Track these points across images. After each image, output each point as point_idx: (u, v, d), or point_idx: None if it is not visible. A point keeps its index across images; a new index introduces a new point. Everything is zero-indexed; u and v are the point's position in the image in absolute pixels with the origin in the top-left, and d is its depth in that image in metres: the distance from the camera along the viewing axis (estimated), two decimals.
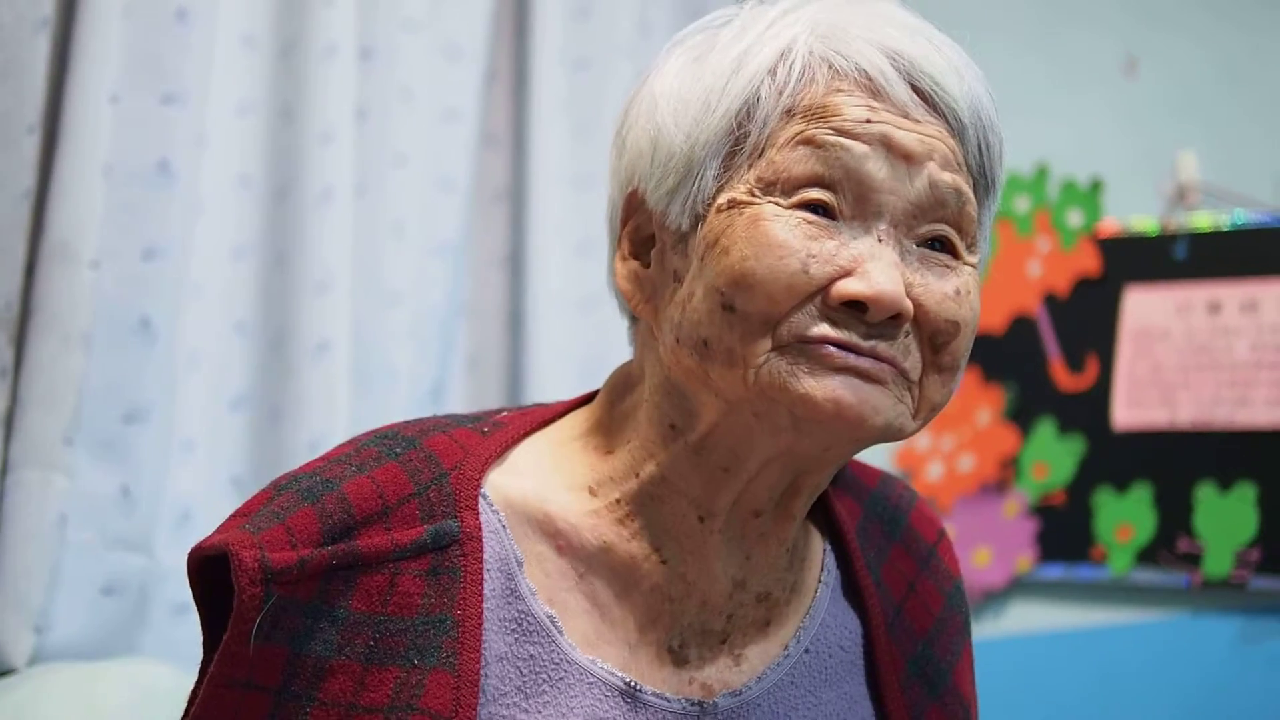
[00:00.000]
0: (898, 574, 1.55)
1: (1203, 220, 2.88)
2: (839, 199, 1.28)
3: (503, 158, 2.88)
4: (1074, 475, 2.93)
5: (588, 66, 2.92)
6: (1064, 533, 2.94)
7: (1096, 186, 3.01)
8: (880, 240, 1.28)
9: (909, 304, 1.27)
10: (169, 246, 2.11)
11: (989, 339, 3.06)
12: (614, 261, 1.42)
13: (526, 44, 2.87)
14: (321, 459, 1.35)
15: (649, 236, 1.39)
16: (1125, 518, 2.85)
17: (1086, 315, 2.97)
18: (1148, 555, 2.83)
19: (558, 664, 1.33)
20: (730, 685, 1.40)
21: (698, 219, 1.32)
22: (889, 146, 1.28)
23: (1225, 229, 2.86)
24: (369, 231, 2.52)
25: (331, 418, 2.35)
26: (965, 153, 1.33)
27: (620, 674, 1.35)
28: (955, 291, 1.31)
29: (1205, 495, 2.78)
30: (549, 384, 2.74)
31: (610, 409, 1.44)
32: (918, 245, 1.31)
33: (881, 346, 1.26)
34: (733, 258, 1.26)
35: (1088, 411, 2.94)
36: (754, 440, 1.31)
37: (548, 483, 1.39)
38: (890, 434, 1.30)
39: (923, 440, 3.08)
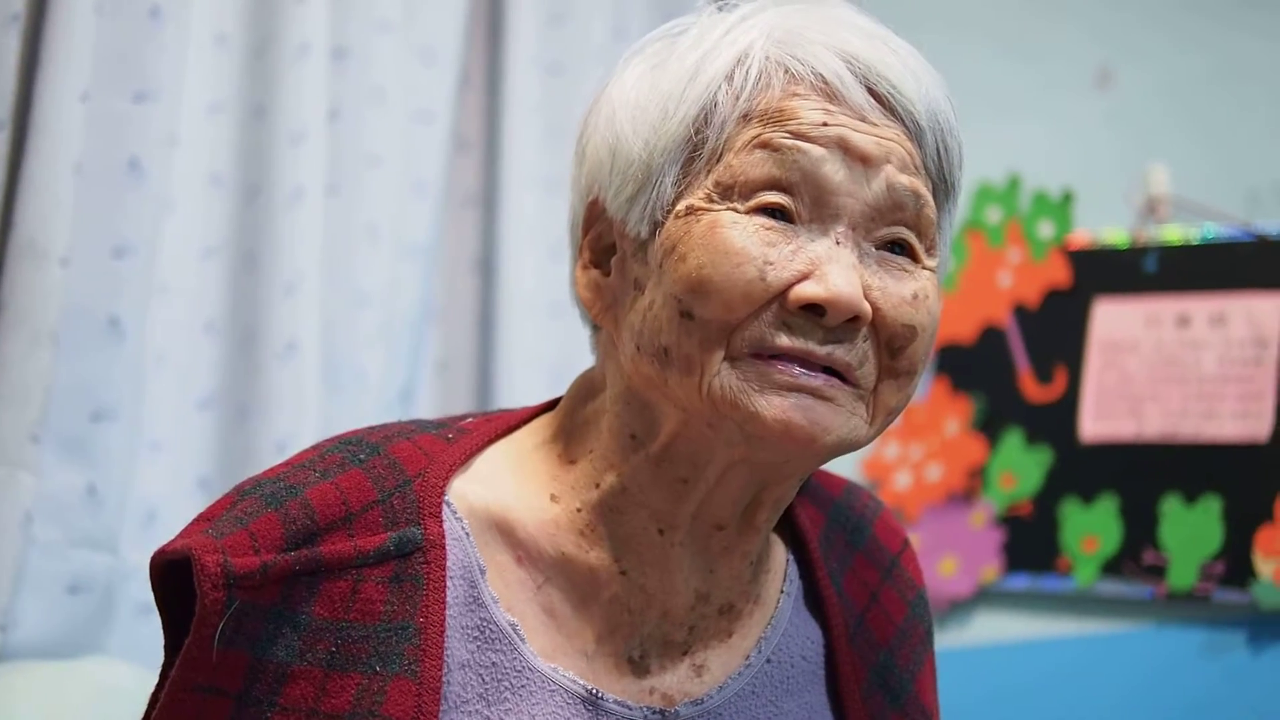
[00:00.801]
0: (860, 583, 1.55)
1: (1173, 233, 2.88)
2: (796, 202, 1.29)
3: (475, 161, 2.88)
4: (1041, 486, 2.94)
5: (561, 71, 2.91)
6: (1030, 543, 2.94)
7: (1068, 198, 3.01)
8: (838, 242, 1.28)
9: (867, 306, 1.27)
10: (138, 245, 2.10)
11: (958, 349, 3.07)
12: (575, 271, 1.43)
13: (500, 47, 2.87)
14: (285, 464, 1.35)
15: (610, 245, 1.39)
16: (1091, 529, 2.86)
17: (1056, 326, 2.98)
18: (1113, 567, 2.83)
19: (520, 671, 1.33)
20: (691, 694, 1.40)
21: (657, 226, 1.32)
22: (846, 149, 1.29)
23: (1195, 243, 2.86)
24: (339, 233, 2.52)
25: (299, 419, 2.35)
26: (923, 156, 1.34)
27: (582, 681, 1.35)
28: (913, 296, 1.31)
29: (1171, 508, 2.79)
30: (519, 388, 2.74)
31: (572, 416, 1.44)
32: (876, 248, 1.31)
33: (838, 352, 1.27)
34: (690, 265, 1.27)
35: (1055, 423, 2.94)
36: (712, 449, 1.32)
37: (510, 491, 1.39)
38: (844, 448, 1.32)
39: (890, 449, 3.08)
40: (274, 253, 2.37)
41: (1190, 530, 2.76)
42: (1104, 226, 2.96)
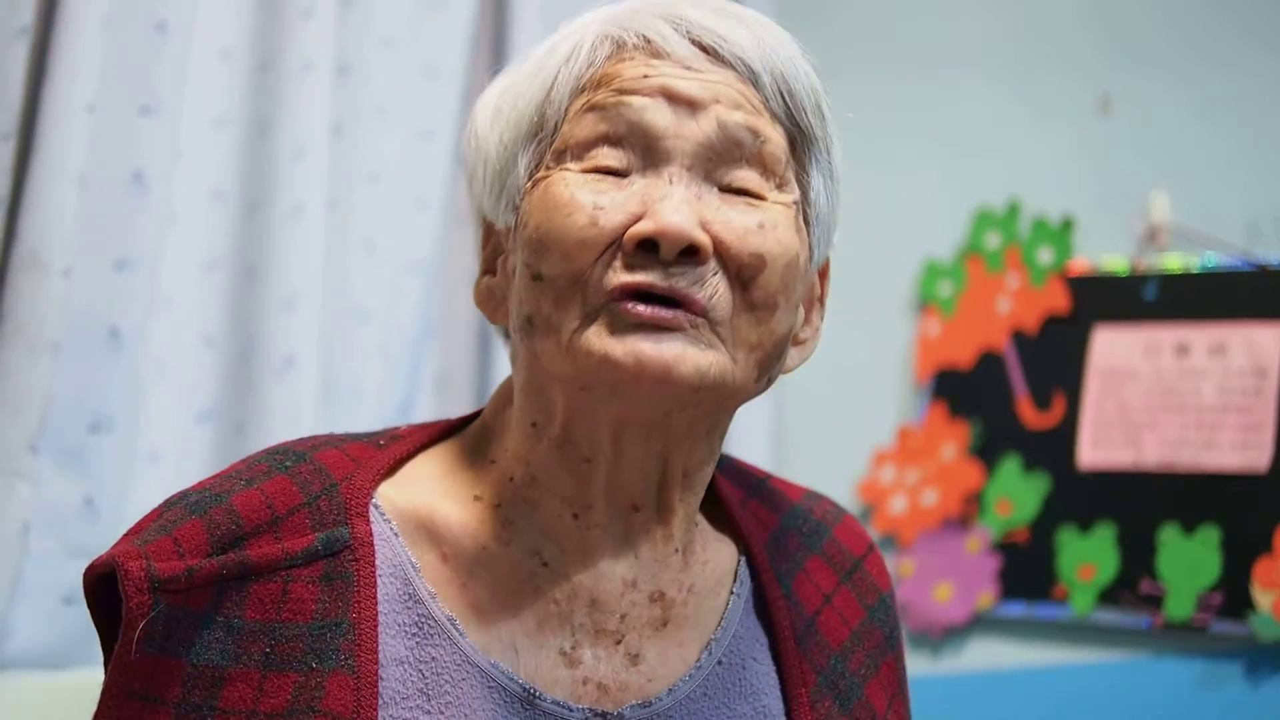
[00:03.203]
0: (812, 586, 1.56)
1: (1173, 262, 2.89)
2: (627, 154, 1.34)
3: None
4: (1037, 513, 2.93)
5: None
6: (1026, 570, 2.94)
7: (1068, 225, 3.02)
8: (671, 181, 1.32)
9: (702, 236, 1.30)
10: (140, 257, 2.11)
11: (956, 373, 3.07)
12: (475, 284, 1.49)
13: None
14: (213, 476, 1.39)
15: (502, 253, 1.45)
16: (1088, 557, 2.85)
17: (1055, 353, 2.98)
18: (1110, 596, 2.83)
19: (460, 665, 1.35)
20: (628, 685, 1.41)
21: (516, 210, 1.38)
22: (669, 96, 1.34)
23: (1195, 271, 2.86)
24: (340, 248, 2.52)
25: (296, 433, 2.33)
26: (764, 99, 1.38)
27: (520, 680, 1.36)
28: (759, 225, 1.34)
29: (1169, 537, 2.79)
30: None
31: (494, 419, 1.48)
32: (721, 190, 1.35)
33: (680, 283, 1.30)
34: (531, 227, 1.33)
35: (1053, 450, 2.94)
36: (595, 416, 1.35)
37: (436, 492, 1.43)
38: (710, 382, 1.33)
39: (886, 473, 3.08)
40: (274, 267, 2.37)
41: (1188, 560, 2.76)
42: (1104, 254, 2.97)
